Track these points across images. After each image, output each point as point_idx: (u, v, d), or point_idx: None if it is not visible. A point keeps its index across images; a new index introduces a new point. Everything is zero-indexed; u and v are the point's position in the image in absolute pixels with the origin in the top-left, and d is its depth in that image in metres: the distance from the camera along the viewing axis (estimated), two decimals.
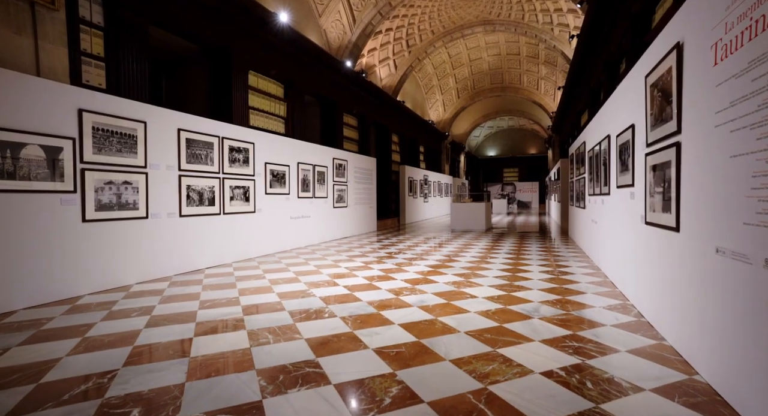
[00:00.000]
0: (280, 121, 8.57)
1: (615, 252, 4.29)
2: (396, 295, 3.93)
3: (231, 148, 6.07)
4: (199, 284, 4.49)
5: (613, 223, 4.40)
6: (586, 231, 6.57)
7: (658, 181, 2.74)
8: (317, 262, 5.99)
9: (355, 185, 10.40)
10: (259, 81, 7.94)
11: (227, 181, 5.98)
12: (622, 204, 3.91)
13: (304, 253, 6.98)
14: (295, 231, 7.74)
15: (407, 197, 14.76)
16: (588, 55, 8.88)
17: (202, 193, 5.50)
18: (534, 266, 5.48)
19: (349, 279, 4.75)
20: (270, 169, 7.03)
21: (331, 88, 10.34)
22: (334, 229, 9.29)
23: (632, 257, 3.52)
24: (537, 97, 20.77)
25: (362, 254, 6.82)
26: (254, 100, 7.78)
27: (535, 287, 4.22)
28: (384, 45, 13.75)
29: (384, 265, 5.67)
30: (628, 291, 3.65)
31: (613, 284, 4.31)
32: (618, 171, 4.09)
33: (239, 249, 6.23)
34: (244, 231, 6.35)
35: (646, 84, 3.00)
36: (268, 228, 6.93)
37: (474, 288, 4.19)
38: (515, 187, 32.21)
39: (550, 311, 3.32)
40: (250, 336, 2.78)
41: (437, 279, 4.67)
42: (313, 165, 8.36)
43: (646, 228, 3.06)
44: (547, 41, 13.30)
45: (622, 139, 3.90)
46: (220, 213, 5.86)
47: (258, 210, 6.70)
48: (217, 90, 7.06)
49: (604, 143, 4.87)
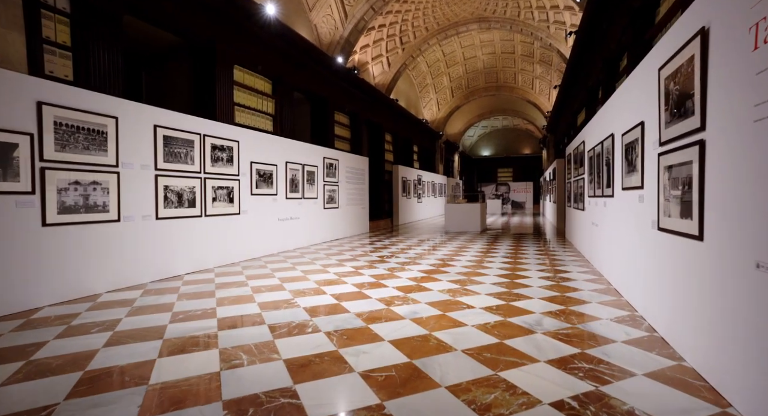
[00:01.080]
0: (267, 119, 8.24)
1: (620, 258, 4.05)
2: (387, 306, 3.64)
3: (213, 146, 5.73)
4: (176, 292, 4.16)
5: (618, 228, 4.15)
6: (586, 234, 6.34)
7: (675, 183, 2.48)
8: (305, 267, 5.68)
9: (347, 185, 10.10)
10: (246, 76, 7.60)
11: (209, 181, 5.65)
12: (629, 207, 3.66)
13: (292, 257, 6.67)
14: (283, 233, 7.42)
15: (401, 197, 14.48)
16: (586, 53, 8.66)
17: (181, 193, 5.17)
18: (533, 271, 5.23)
19: (338, 286, 4.45)
20: (256, 168, 6.70)
21: (322, 85, 10.02)
22: (325, 231, 8.98)
23: (641, 265, 3.27)
24: (532, 97, 20.60)
25: (353, 258, 6.53)
26: (240, 96, 7.44)
27: (536, 295, 3.96)
28: (377, 42, 13.45)
29: (375, 271, 5.38)
30: (637, 301, 3.40)
31: (617, 292, 4.06)
32: (624, 172, 3.84)
33: (223, 254, 5.90)
34: (228, 234, 6.02)
35: (660, 77, 2.74)
36: (254, 231, 6.60)
37: (470, 297, 3.91)
38: (509, 187, 32.10)
39: (553, 324, 3.05)
40: (222, 356, 2.47)
41: (431, 287, 4.39)
42: (303, 164, 8.04)
43: (659, 235, 2.81)
44: (542, 39, 13.10)
45: (628, 137, 3.65)
46: (202, 216, 5.52)
47: (243, 211, 6.37)
48: (200, 85, 6.71)
49: (607, 142, 4.62)
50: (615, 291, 4.09)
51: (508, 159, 33.92)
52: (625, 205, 3.84)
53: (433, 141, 22.19)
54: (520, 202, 31.47)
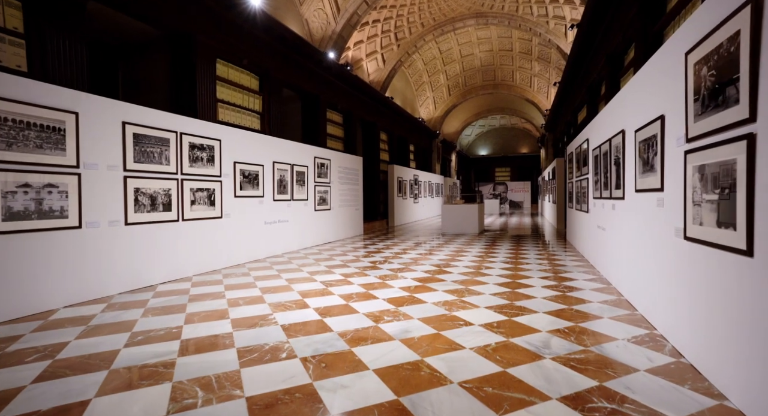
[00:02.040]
0: (254, 117, 7.83)
1: (632, 267, 3.67)
2: (375, 322, 3.25)
3: (192, 145, 5.33)
4: (143, 306, 3.76)
5: (630, 234, 3.78)
6: (590, 237, 5.97)
7: (710, 185, 2.11)
8: (291, 275, 5.28)
9: (340, 186, 9.70)
10: (230, 71, 7.19)
11: (187, 182, 5.25)
12: (645, 212, 3.29)
13: (279, 263, 6.27)
14: (270, 237, 7.01)
15: (396, 198, 14.10)
16: (588, 47, 8.30)
17: (155, 196, 4.76)
18: (535, 279, 4.85)
19: (323, 298, 4.06)
20: (240, 168, 6.30)
21: (313, 82, 9.61)
22: (316, 234, 8.58)
23: (661, 278, 2.90)
24: (530, 95, 20.27)
25: (343, 264, 6.13)
26: (224, 92, 7.03)
27: (541, 309, 3.58)
28: (371, 38, 13.05)
29: (366, 279, 4.99)
30: (655, 317, 3.03)
31: (629, 304, 3.69)
32: (638, 172, 3.46)
33: (203, 261, 5.49)
34: (208, 240, 5.61)
35: (687, 63, 2.36)
36: (237, 236, 6.20)
37: (469, 311, 3.53)
38: (507, 186, 31.75)
39: (563, 346, 2.68)
40: (174, 393, 2.07)
41: (425, 298, 4.01)
42: (292, 164, 7.64)
43: (687, 246, 2.43)
44: (541, 35, 12.74)
45: (643, 134, 3.28)
46: (179, 220, 5.12)
47: (225, 215, 5.96)
48: (179, 80, 6.30)
49: (617, 140, 4.25)
50: (627, 303, 3.72)
51: (506, 158, 33.60)
52: (639, 209, 3.47)
53: (429, 140, 21.82)
54: (517, 201, 31.11)
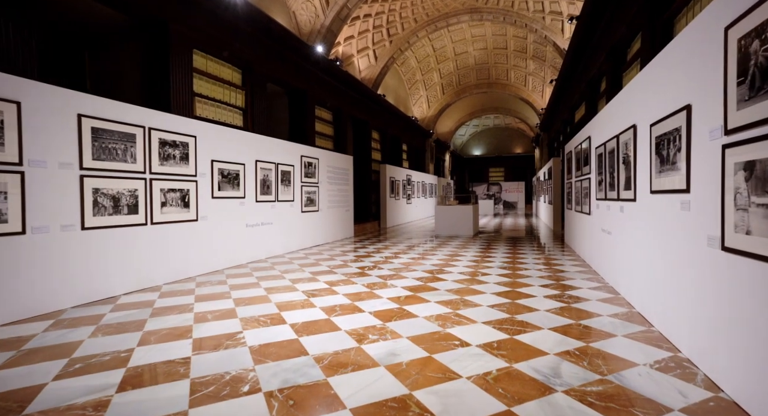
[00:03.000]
0: (236, 113, 7.38)
1: (648, 277, 3.30)
2: (358, 342, 2.84)
3: (163, 141, 4.87)
4: (96, 323, 3.31)
5: (643, 239, 3.40)
6: (593, 241, 5.61)
7: (760, 186, 1.72)
8: (271, 283, 4.85)
9: (329, 186, 9.27)
10: (209, 64, 6.73)
11: (157, 182, 4.79)
12: (664, 216, 2.91)
13: (260, 269, 5.82)
14: (252, 241, 6.56)
15: (388, 199, 13.69)
16: (588, 40, 7.95)
17: (118, 198, 4.30)
18: (536, 288, 4.47)
19: (303, 311, 3.63)
20: (219, 167, 5.85)
21: (301, 77, 9.17)
22: (303, 237, 8.14)
23: (688, 292, 2.52)
24: (524, 94, 19.98)
25: (329, 270, 5.71)
26: (202, 86, 6.57)
27: (545, 324, 3.19)
28: (362, 33, 12.63)
29: (352, 287, 4.57)
30: (679, 338, 2.65)
31: (643, 318, 3.31)
32: (654, 171, 3.09)
33: (175, 268, 5.04)
34: (182, 245, 5.16)
35: (728, 39, 1.98)
36: (215, 240, 5.74)
37: (465, 328, 3.13)
38: (501, 187, 31.50)
39: (575, 374, 2.28)
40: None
41: (416, 311, 3.60)
42: (276, 163, 7.19)
43: (725, 258, 2.05)
44: (537, 31, 12.41)
45: (662, 127, 2.90)
46: (147, 224, 4.66)
47: (202, 217, 5.51)
48: (151, 72, 5.83)
49: (625, 136, 3.88)
50: (639, 317, 3.34)
51: (500, 158, 33.38)
52: (656, 213, 3.09)
53: (423, 139, 21.45)
54: (512, 202, 30.87)
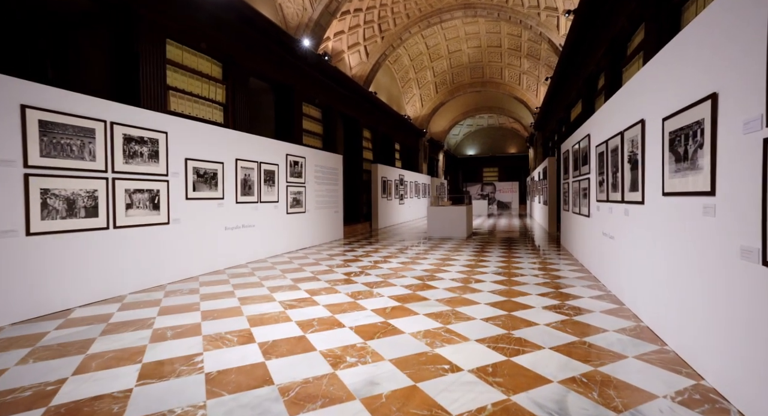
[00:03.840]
0: (216, 109, 6.96)
1: (659, 289, 2.96)
2: (333, 367, 2.46)
3: (128, 137, 4.46)
4: (33, 344, 2.89)
5: (654, 246, 3.06)
6: (592, 245, 5.29)
7: None
8: (247, 292, 4.45)
9: (317, 186, 8.87)
10: (186, 55, 6.31)
11: (122, 182, 4.38)
12: (681, 221, 2.57)
13: (239, 275, 5.42)
14: (232, 245, 6.15)
15: (380, 199, 13.31)
16: (585, 35, 7.65)
17: (73, 199, 3.88)
18: (533, 297, 4.12)
19: (276, 326, 3.25)
20: (194, 166, 5.44)
21: (287, 72, 8.77)
22: (288, 240, 7.74)
23: (715, 311, 2.18)
24: (519, 93, 19.72)
25: (313, 276, 5.32)
26: (177, 79, 6.15)
27: (546, 341, 2.84)
28: (353, 28, 12.25)
29: (335, 297, 4.20)
30: (702, 362, 2.31)
31: (653, 334, 2.98)
32: (668, 170, 2.75)
33: (142, 275, 4.62)
34: (151, 250, 4.75)
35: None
36: (189, 244, 5.33)
37: (456, 348, 2.77)
38: (495, 187, 31.28)
39: (585, 409, 1.93)
40: None
41: (403, 326, 3.23)
42: (259, 162, 6.79)
43: (765, 274, 1.70)
44: (532, 28, 12.11)
45: (678, 121, 2.56)
46: (109, 228, 4.24)
47: (174, 220, 5.10)
48: (118, 62, 5.40)
49: (632, 132, 3.55)
50: (650, 332, 3.00)
51: (494, 158, 33.17)
52: (670, 218, 2.75)
53: (416, 139, 21.11)
54: (505, 202, 30.68)
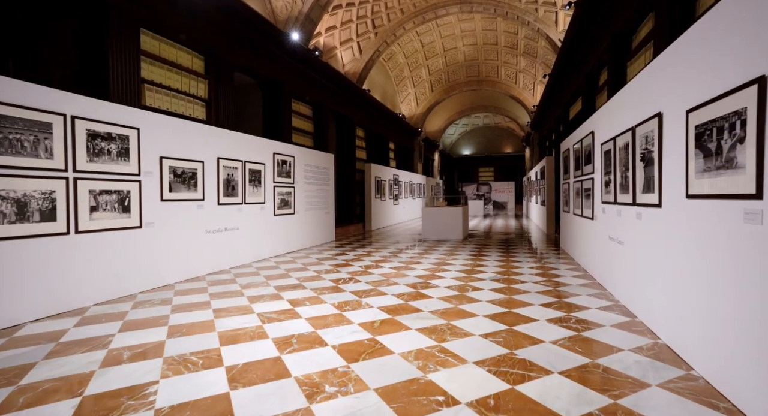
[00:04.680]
0: (198, 104, 6.56)
1: (684, 305, 2.62)
2: (308, 400, 2.10)
3: (93, 133, 4.06)
4: None
5: (679, 256, 2.72)
6: (598, 250, 4.95)
7: None
8: (224, 302, 4.07)
9: (306, 187, 8.49)
10: (163, 47, 5.90)
11: (85, 182, 3.98)
12: (714, 228, 2.23)
13: (219, 282, 5.03)
14: (213, 249, 5.76)
15: (374, 199, 12.95)
16: (587, 29, 7.32)
17: (25, 202, 3.48)
18: (536, 307, 3.78)
19: (249, 345, 2.88)
20: (170, 165, 5.05)
21: (275, 67, 8.38)
22: (275, 243, 7.35)
23: (762, 337, 1.83)
24: (515, 91, 19.43)
25: (298, 283, 4.94)
26: (154, 72, 5.74)
27: (555, 364, 2.49)
28: (345, 23, 11.87)
29: (320, 308, 3.82)
30: (745, 398, 1.97)
31: (675, 354, 2.63)
32: (694, 169, 2.40)
33: (110, 284, 4.22)
34: (120, 257, 4.35)
35: None
36: (165, 249, 4.94)
37: (452, 372, 2.41)
38: (491, 187, 31.03)
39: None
40: None
41: (392, 344, 2.87)
42: (243, 161, 6.40)
43: None
44: (530, 23, 11.79)
45: (709, 112, 2.22)
46: (70, 233, 3.84)
47: (147, 224, 4.70)
48: (86, 54, 4.99)
49: (646, 128, 3.21)
50: (670, 353, 2.66)
51: (490, 158, 32.93)
52: (698, 224, 2.41)
53: (411, 138, 20.77)
54: (501, 202, 30.43)
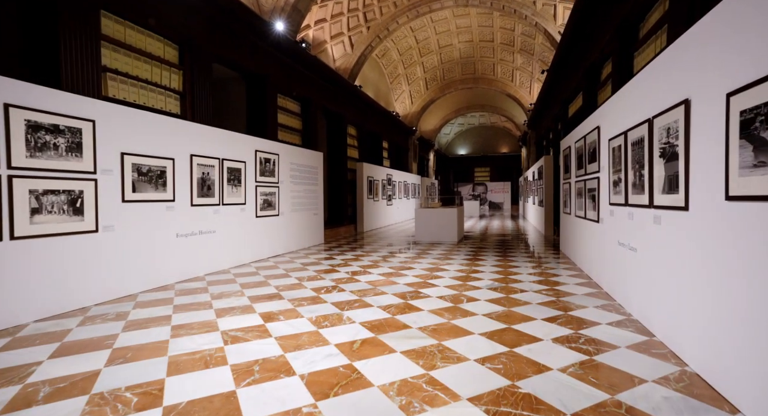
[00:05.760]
0: (171, 97, 6.06)
1: (723, 329, 2.17)
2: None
3: (35, 125, 3.56)
4: None
5: (716, 270, 2.28)
6: (605, 256, 4.51)
7: None
8: (188, 317, 3.58)
9: (293, 187, 8.01)
10: (129, 32, 5.40)
11: (24, 181, 3.48)
12: (764, 237, 1.78)
13: (189, 292, 4.54)
14: (186, 255, 5.27)
15: (366, 200, 12.48)
16: (589, 18, 6.89)
17: None
18: (539, 323, 3.32)
19: (203, 374, 2.39)
20: (133, 162, 4.55)
21: (258, 60, 7.88)
22: (257, 247, 6.86)
23: None
24: (511, 90, 19.04)
25: (276, 292, 4.46)
26: (119, 59, 5.24)
27: (567, 404, 2.03)
28: (336, 16, 11.39)
29: (295, 323, 3.35)
30: None
31: (710, 387, 2.19)
32: (740, 164, 1.96)
33: (57, 296, 3.72)
34: (70, 265, 3.85)
35: None
36: (127, 256, 4.44)
37: (442, 414, 1.95)
38: (487, 187, 30.67)
39: None
40: None
41: (373, 373, 2.40)
42: (221, 159, 5.91)
43: None
44: (527, 18, 11.38)
45: (761, 94, 1.78)
46: (3, 239, 3.34)
47: (105, 227, 4.21)
48: (34, 34, 4.48)
49: (668, 118, 2.77)
50: (706, 386, 2.21)
51: (486, 158, 32.57)
52: (745, 232, 1.96)
53: (405, 137, 20.32)
54: (497, 202, 30.09)
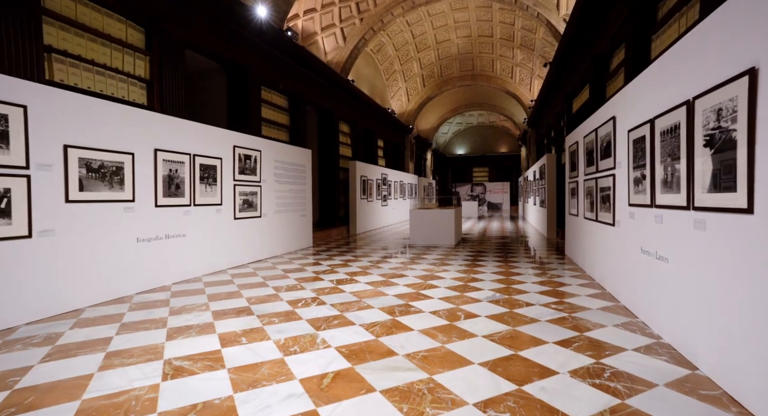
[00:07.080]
0: (136, 86, 5.45)
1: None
2: None
3: None
4: None
5: None
6: (623, 265, 3.93)
7: None
8: (131, 338, 2.97)
9: (277, 186, 7.41)
10: (81, 9, 4.79)
11: None
12: None
13: (145, 306, 3.93)
14: (148, 262, 4.66)
15: (359, 200, 11.89)
16: (598, 2, 6.31)
17: None
18: (551, 347, 2.74)
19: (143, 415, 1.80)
20: (81, 156, 3.95)
21: (240, 49, 7.29)
22: (236, 251, 6.25)
23: None
24: (511, 87, 18.48)
25: (246, 306, 3.86)
26: (68, 39, 4.63)
27: None
28: (327, 6, 10.80)
29: (259, 347, 2.75)
30: None
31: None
32: None
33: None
34: (2, 275, 3.25)
35: None
36: (71, 265, 3.84)
37: None
38: (485, 187, 30.16)
39: None
40: None
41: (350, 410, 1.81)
42: (192, 154, 5.31)
43: None
44: (528, 8, 10.81)
45: None
46: None
47: (43, 232, 3.60)
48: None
49: (719, 96, 2.19)
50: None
51: (484, 158, 32.03)
52: None
53: (402, 136, 19.73)
54: (496, 203, 29.61)
